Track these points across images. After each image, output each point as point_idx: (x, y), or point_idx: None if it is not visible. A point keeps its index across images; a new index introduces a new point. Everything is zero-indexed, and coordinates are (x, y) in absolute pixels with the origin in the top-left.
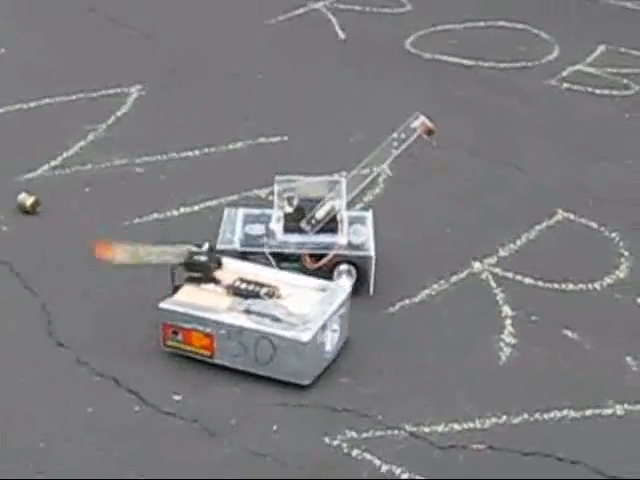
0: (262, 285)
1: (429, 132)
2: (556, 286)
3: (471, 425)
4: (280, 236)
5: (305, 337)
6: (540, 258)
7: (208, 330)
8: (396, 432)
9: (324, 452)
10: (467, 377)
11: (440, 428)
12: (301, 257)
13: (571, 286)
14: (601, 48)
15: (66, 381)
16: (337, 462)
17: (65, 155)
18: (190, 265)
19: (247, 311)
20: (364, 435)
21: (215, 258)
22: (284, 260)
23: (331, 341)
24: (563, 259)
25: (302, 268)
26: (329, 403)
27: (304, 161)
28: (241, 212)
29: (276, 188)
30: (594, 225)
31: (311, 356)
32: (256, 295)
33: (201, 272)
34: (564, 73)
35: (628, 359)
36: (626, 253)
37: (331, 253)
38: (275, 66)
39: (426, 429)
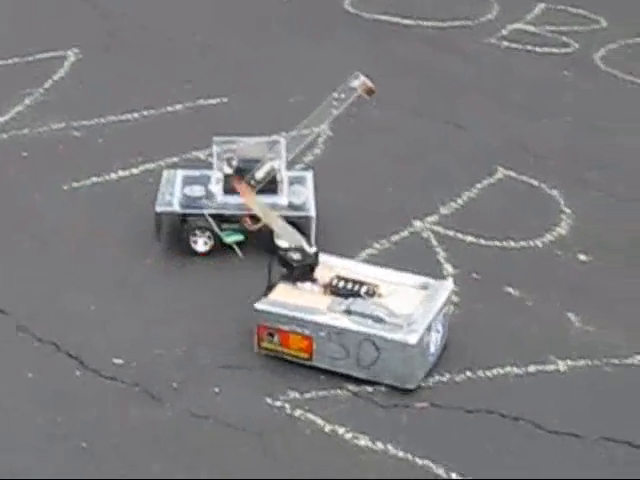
0: (362, 283)
1: (369, 92)
2: (497, 244)
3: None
4: (220, 197)
5: (412, 339)
6: (481, 216)
7: (307, 332)
8: (339, 392)
9: (267, 413)
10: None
11: (383, 387)
12: (241, 218)
13: (512, 244)
14: (540, 6)
15: (6, 347)
16: (280, 423)
17: (1, 120)
18: (284, 260)
19: (348, 311)
20: (307, 395)
21: (312, 257)
22: (224, 221)
23: (435, 342)
24: (504, 217)
25: (242, 229)
26: (271, 364)
27: (244, 123)
28: (180, 174)
29: (215, 149)
30: (535, 182)
31: (417, 359)
32: (356, 294)
33: (297, 269)
34: (504, 31)
35: (570, 315)
36: (567, 210)
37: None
38: (216, 29)
39: (369, 388)
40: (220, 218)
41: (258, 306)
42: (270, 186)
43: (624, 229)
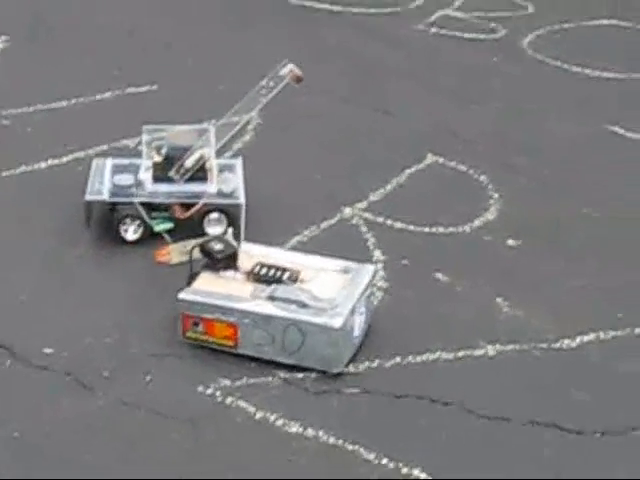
0: (284, 269)
1: (297, 79)
2: (426, 230)
3: (344, 370)
4: (149, 186)
5: (337, 323)
6: (410, 202)
7: (232, 320)
8: (270, 379)
9: (198, 401)
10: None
11: (313, 374)
12: (171, 207)
13: (441, 229)
14: None
15: None
16: (212, 410)
17: None
18: (206, 251)
19: (271, 298)
20: (238, 383)
21: (233, 247)
22: (154, 210)
23: (359, 325)
24: (433, 202)
25: (172, 217)
26: (202, 353)
27: (173, 110)
28: (109, 162)
29: (144, 137)
30: (463, 168)
31: (342, 342)
32: (279, 280)
33: (220, 260)
34: (432, 18)
35: (499, 300)
36: (495, 195)
37: (200, 202)
38: (145, 15)
39: (299, 375)
40: (150, 206)
41: (181, 296)
42: (199, 174)
43: (552, 214)
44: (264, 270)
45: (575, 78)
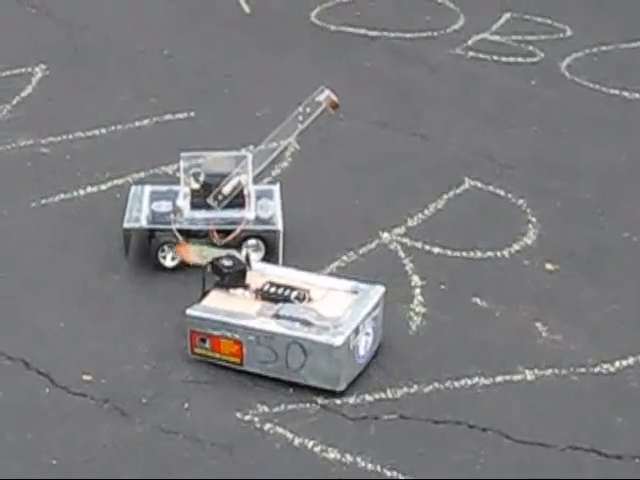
0: (292, 288)
1: (334, 106)
2: (464, 254)
3: (382, 395)
4: (187, 213)
5: (337, 341)
6: (448, 227)
7: (237, 336)
8: (308, 405)
9: (236, 427)
10: (378, 347)
11: (352, 400)
12: (209, 233)
13: (479, 254)
14: (506, 16)
15: None
16: (250, 437)
17: None
18: (216, 268)
19: (277, 316)
20: (276, 409)
21: (242, 262)
22: (192, 236)
23: (365, 345)
24: (471, 227)
25: (210, 243)
26: (240, 378)
27: (211, 137)
28: (147, 189)
29: (182, 164)
30: (501, 192)
31: (344, 360)
32: (286, 299)
33: (227, 276)
34: (469, 42)
35: (537, 325)
36: (533, 219)
37: (238, 228)
38: (181, 42)
39: (337, 401)
40: (188, 233)
41: (189, 312)
42: (237, 200)
43: (590, 238)
44: (273, 289)
45: (613, 101)
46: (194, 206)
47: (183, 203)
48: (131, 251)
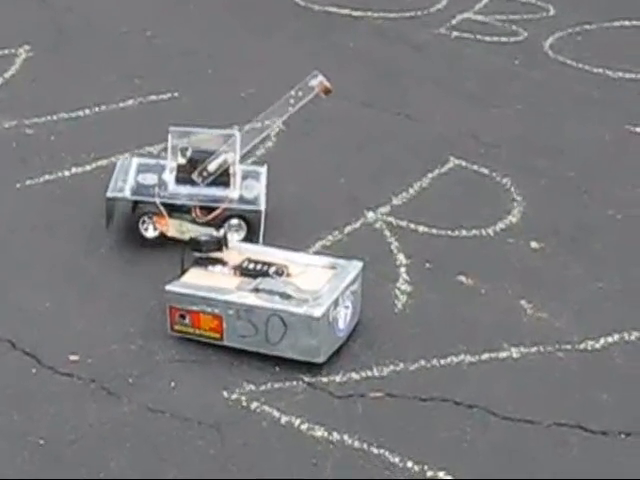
0: (271, 264)
1: (326, 91)
2: (449, 233)
3: (369, 373)
4: (172, 187)
5: (317, 312)
6: (433, 206)
7: (216, 311)
8: (294, 383)
9: (223, 406)
10: (363, 326)
11: (338, 378)
12: (191, 209)
13: (464, 232)
14: None
15: None
16: (237, 415)
17: None
18: (194, 243)
19: (256, 289)
20: (262, 387)
21: (218, 238)
22: (175, 210)
23: (344, 318)
24: (456, 206)
25: (192, 220)
26: (226, 358)
27: (195, 117)
28: (135, 161)
29: (170, 139)
30: (486, 171)
31: (324, 332)
32: (265, 274)
33: (205, 250)
34: (453, 21)
35: (522, 302)
36: (518, 198)
37: (221, 207)
38: (165, 23)
39: (324, 379)
40: (171, 207)
41: (168, 288)
42: (222, 178)
43: (575, 216)
44: (252, 265)
45: (597, 80)
46: (179, 181)
47: (169, 177)
48: (116, 230)
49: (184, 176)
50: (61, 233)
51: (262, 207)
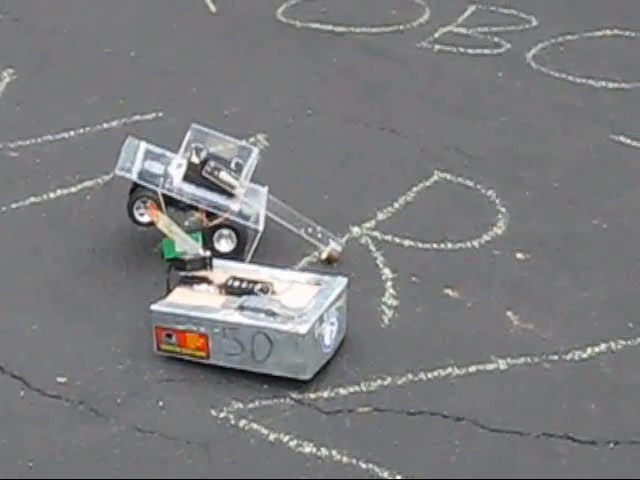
0: (256, 282)
1: (331, 259)
2: (435, 246)
3: (356, 389)
4: (177, 182)
5: (302, 329)
6: (418, 219)
7: (202, 330)
8: (282, 400)
9: (212, 425)
10: (350, 341)
11: (325, 394)
12: (199, 210)
13: (450, 245)
14: (471, 8)
15: None
16: (225, 434)
17: None
18: (178, 263)
19: (241, 307)
20: (250, 405)
21: (198, 261)
22: (173, 205)
23: (330, 335)
24: (441, 219)
25: (196, 221)
26: (214, 377)
27: (180, 136)
28: (143, 145)
29: (189, 135)
30: (470, 184)
31: (309, 349)
32: (250, 292)
33: (189, 269)
34: (436, 35)
35: (509, 314)
36: (503, 209)
37: (223, 216)
38: (147, 43)
39: (312, 395)
40: (170, 201)
41: (154, 307)
42: (227, 188)
43: (559, 226)
44: (237, 283)
45: (579, 89)
46: (186, 178)
47: (175, 172)
48: (101, 251)
49: (192, 175)
50: (47, 255)
51: (260, 227)
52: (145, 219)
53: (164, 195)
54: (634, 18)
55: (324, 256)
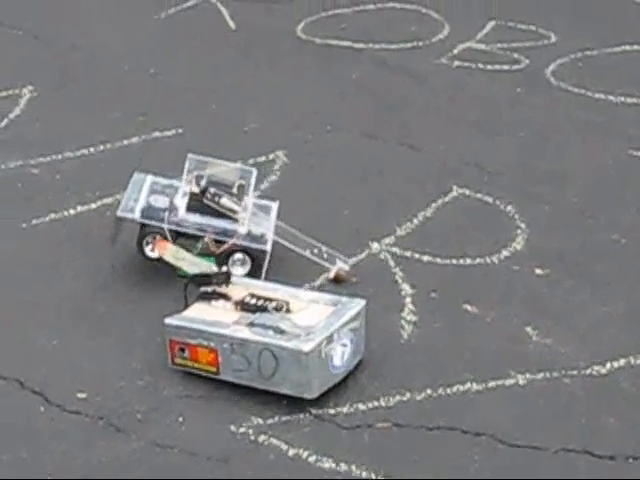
0: (272, 300)
1: (340, 279)
2: (454, 262)
3: (375, 404)
4: (182, 213)
5: (306, 347)
6: (437, 235)
7: (212, 344)
8: (301, 416)
9: (231, 440)
10: (370, 356)
11: (345, 409)
12: (207, 239)
13: (469, 261)
14: (491, 24)
15: None
16: (245, 449)
17: None
18: (197, 278)
19: (251, 324)
20: (269, 421)
21: (222, 274)
22: (182, 236)
23: (341, 356)
24: (460, 234)
25: (204, 249)
26: (233, 392)
27: (199, 153)
28: (149, 179)
29: (187, 165)
30: (489, 199)
31: (314, 367)
32: (264, 309)
33: (208, 284)
34: (455, 51)
35: (528, 329)
36: (522, 225)
37: (230, 242)
38: (167, 60)
39: (331, 411)
40: (177, 233)
41: (168, 321)
42: (229, 214)
43: (578, 241)
44: (253, 300)
45: (598, 105)
46: (189, 208)
47: (180, 202)
48: (121, 267)
49: (195, 204)
50: (67, 271)
51: (268, 247)
52: (155, 254)
53: (171, 230)
54: None
55: (331, 276)
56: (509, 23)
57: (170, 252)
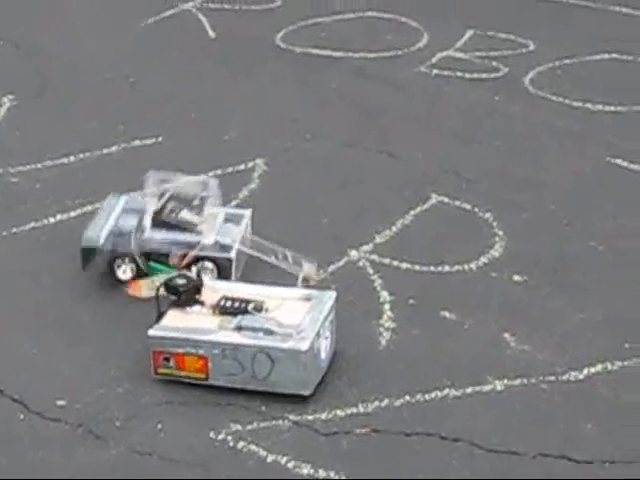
0: (248, 301)
1: (308, 280)
2: (432, 269)
3: (354, 410)
4: (147, 232)
5: (304, 346)
6: (416, 242)
7: (201, 352)
8: (280, 422)
9: (210, 447)
10: (348, 363)
11: (324, 415)
12: (169, 257)
13: (447, 268)
14: (469, 33)
15: None
16: (224, 456)
17: None
18: (170, 288)
19: (239, 327)
20: (248, 427)
21: (196, 280)
22: (152, 254)
23: (325, 349)
24: (438, 242)
25: (169, 265)
26: (212, 399)
27: (179, 162)
28: (122, 200)
29: (147, 184)
30: (468, 207)
31: (310, 364)
32: (244, 311)
33: (183, 293)
34: (433, 59)
35: (506, 335)
36: (500, 232)
37: (192, 253)
38: (147, 68)
39: (309, 417)
40: (148, 255)
41: (152, 333)
42: (188, 227)
43: (556, 248)
44: (229, 303)
45: (577, 113)
46: (155, 225)
47: (147, 220)
48: (100, 276)
49: (157, 221)
50: (47, 279)
51: (233, 255)
52: (127, 276)
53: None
54: (630, 42)
55: (300, 280)
56: (488, 32)
57: (145, 288)
